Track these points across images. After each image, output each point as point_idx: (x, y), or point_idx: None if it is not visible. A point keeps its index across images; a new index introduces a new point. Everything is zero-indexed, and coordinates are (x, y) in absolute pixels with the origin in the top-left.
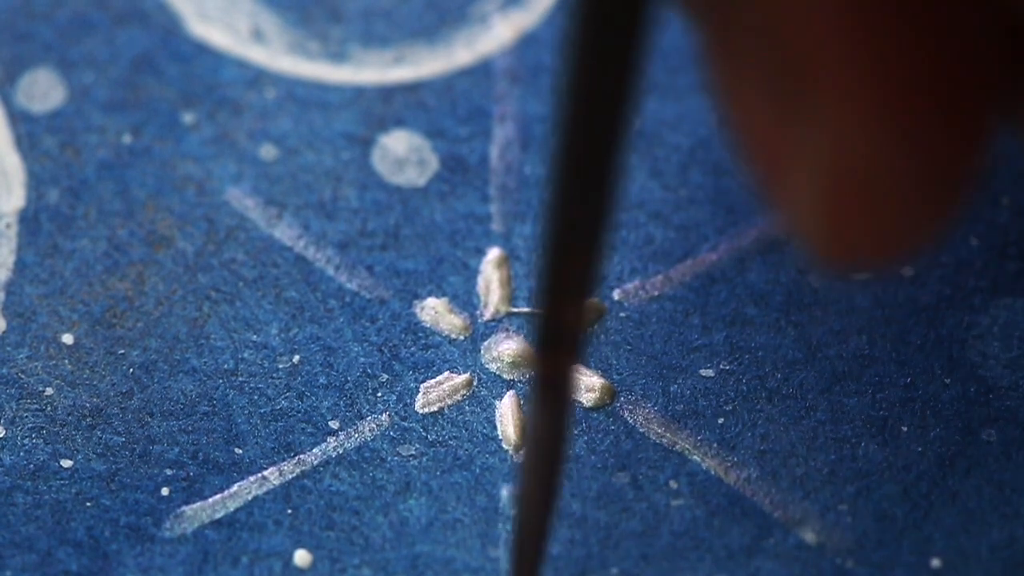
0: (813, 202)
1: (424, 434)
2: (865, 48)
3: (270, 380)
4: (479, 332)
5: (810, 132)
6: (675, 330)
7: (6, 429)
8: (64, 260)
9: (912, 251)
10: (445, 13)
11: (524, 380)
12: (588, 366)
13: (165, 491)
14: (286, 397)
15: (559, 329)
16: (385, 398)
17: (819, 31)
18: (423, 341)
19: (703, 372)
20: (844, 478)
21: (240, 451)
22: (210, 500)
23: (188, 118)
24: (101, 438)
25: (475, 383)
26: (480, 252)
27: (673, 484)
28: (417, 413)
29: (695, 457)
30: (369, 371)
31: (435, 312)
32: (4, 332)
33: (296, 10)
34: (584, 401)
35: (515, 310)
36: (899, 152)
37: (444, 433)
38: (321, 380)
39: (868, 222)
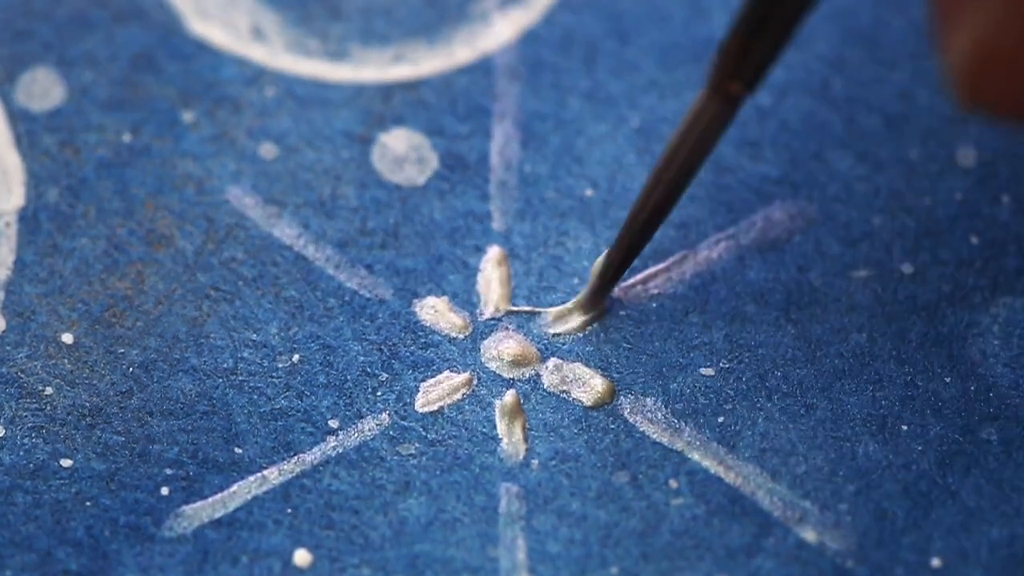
0: (964, 52)
1: (423, 433)
2: None
3: (269, 379)
4: (479, 331)
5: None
6: (675, 328)
7: (6, 428)
8: (63, 259)
9: None
10: (445, 11)
11: (523, 379)
12: (588, 365)
13: (165, 491)
14: (285, 396)
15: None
16: (385, 397)
17: None
18: (423, 340)
19: (703, 370)
20: (844, 477)
21: (240, 450)
22: (209, 500)
23: (188, 117)
24: (101, 437)
25: (475, 382)
26: (480, 250)
27: (673, 483)
28: (417, 412)
29: (695, 456)
30: (368, 370)
31: (435, 311)
32: (4, 331)
33: (296, 8)
34: (584, 400)
35: (515, 308)
36: None
37: (443, 432)
38: (320, 379)
39: (1002, 81)
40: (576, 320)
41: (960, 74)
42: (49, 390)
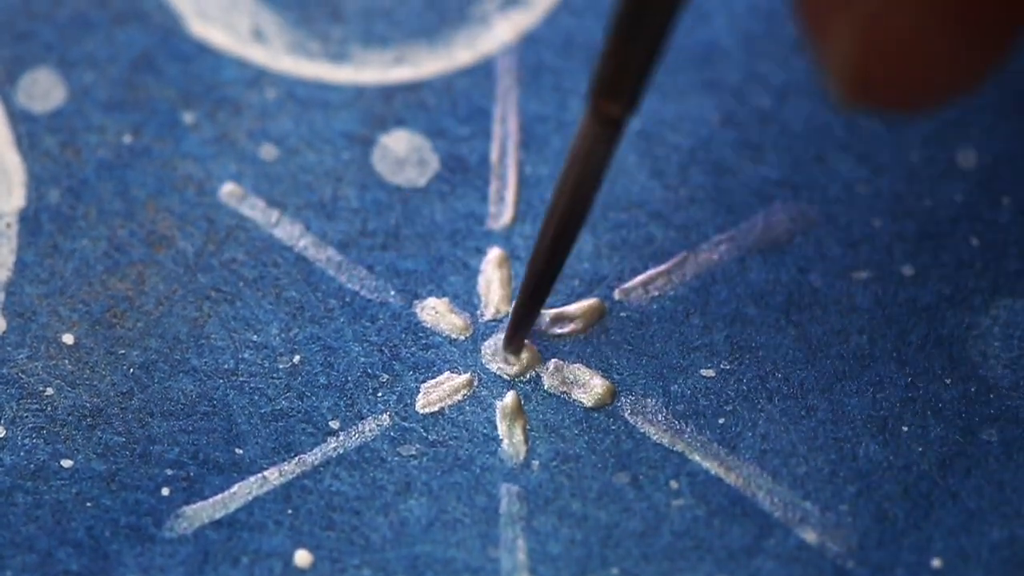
0: (851, 41)
1: (424, 434)
2: None
3: (270, 380)
4: (479, 332)
5: None
6: (676, 330)
7: (6, 429)
8: (64, 260)
9: (928, 100)
10: (445, 13)
11: (524, 380)
12: (589, 366)
13: (165, 491)
14: (286, 397)
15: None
16: (385, 398)
17: None
18: (423, 341)
19: (704, 372)
20: (845, 478)
21: (240, 451)
22: (210, 500)
23: (188, 118)
24: (101, 438)
25: (475, 383)
26: (480, 252)
27: (674, 484)
28: (417, 413)
29: (696, 457)
30: (369, 371)
31: (435, 312)
32: (4, 332)
33: (296, 10)
34: (585, 401)
35: None
36: (939, 16)
37: (444, 433)
38: (321, 380)
39: (892, 66)
40: (512, 364)
41: (843, 69)
42: (50, 391)
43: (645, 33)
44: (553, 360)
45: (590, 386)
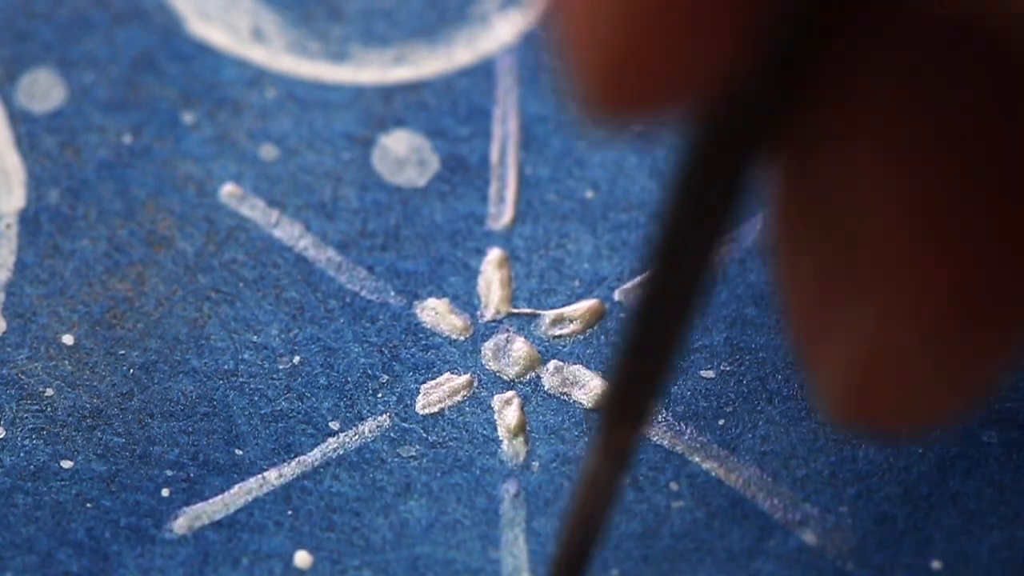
0: (841, 373)
1: (424, 435)
2: (921, 242)
3: (270, 381)
4: (479, 333)
5: (852, 312)
6: None
7: (6, 430)
8: (64, 261)
9: (924, 428)
10: (445, 12)
11: (524, 381)
12: (589, 367)
13: (165, 492)
14: (286, 398)
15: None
16: (385, 399)
17: (883, 218)
18: (423, 342)
19: (703, 373)
20: (844, 480)
21: (240, 452)
22: (210, 501)
23: (188, 118)
24: (101, 439)
25: (475, 384)
26: (480, 252)
27: (673, 486)
28: (417, 414)
29: (695, 459)
30: (369, 372)
31: (435, 313)
32: (4, 333)
33: (296, 9)
34: (585, 402)
35: (515, 311)
36: (929, 346)
37: (444, 434)
38: (321, 381)
39: (886, 402)
40: None
41: (833, 393)
42: (50, 391)
43: (656, 355)
44: (553, 361)
45: (590, 387)
